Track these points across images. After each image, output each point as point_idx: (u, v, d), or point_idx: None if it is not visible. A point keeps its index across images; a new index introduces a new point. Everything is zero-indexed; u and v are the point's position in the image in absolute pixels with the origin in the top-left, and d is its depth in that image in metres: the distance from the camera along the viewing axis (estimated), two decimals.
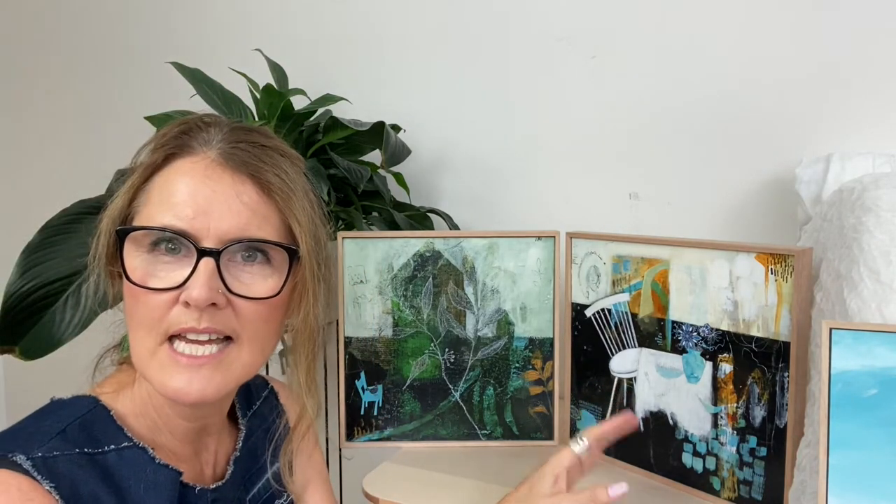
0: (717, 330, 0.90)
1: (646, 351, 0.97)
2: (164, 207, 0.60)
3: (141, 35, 1.67)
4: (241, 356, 0.62)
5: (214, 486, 0.69)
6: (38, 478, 0.54)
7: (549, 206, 1.28)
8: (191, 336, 0.59)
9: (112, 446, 0.60)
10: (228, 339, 0.61)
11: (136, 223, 0.61)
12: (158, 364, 0.60)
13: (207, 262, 0.58)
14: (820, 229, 0.88)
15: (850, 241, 0.78)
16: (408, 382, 1.07)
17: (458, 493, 0.94)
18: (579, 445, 0.73)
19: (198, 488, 0.66)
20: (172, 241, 0.59)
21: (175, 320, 0.59)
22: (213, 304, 0.59)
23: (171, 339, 0.60)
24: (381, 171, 1.24)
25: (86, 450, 0.58)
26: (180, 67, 1.17)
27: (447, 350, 1.07)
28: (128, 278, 0.59)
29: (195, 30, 1.59)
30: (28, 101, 1.88)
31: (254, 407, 0.78)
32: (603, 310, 1.02)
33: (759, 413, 0.86)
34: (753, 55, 1.10)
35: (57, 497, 0.54)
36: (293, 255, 0.63)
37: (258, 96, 1.16)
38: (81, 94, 1.73)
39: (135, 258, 0.60)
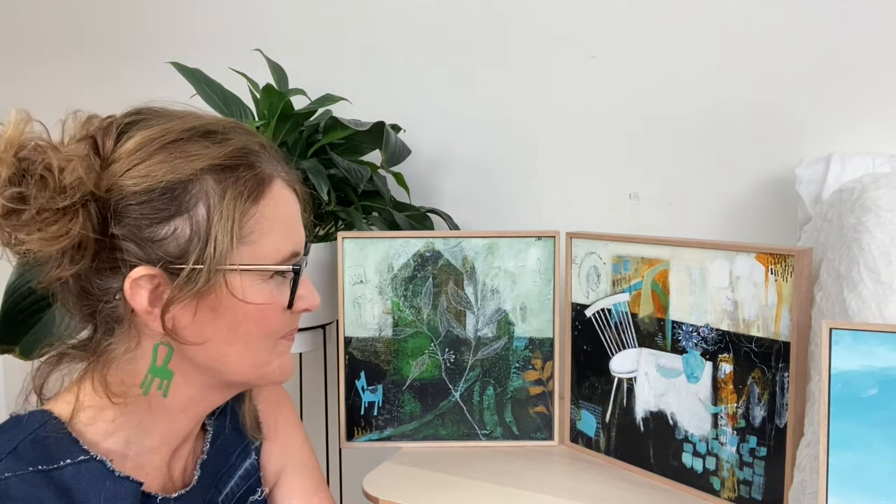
0: (717, 330, 0.90)
1: (646, 351, 0.97)
2: (287, 236, 0.63)
3: (141, 35, 1.67)
4: None
5: (177, 494, 0.66)
6: None
7: (549, 206, 1.28)
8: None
9: (68, 461, 0.58)
10: None
11: (256, 254, 0.61)
12: (279, 358, 0.65)
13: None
14: (820, 229, 0.88)
15: (850, 241, 0.78)
16: (408, 382, 1.07)
17: (458, 493, 0.94)
18: None
19: (159, 498, 0.64)
20: None
21: (291, 325, 0.66)
22: None
23: None
24: (381, 171, 1.24)
25: (40, 467, 0.56)
26: (180, 67, 1.17)
27: (447, 350, 1.07)
28: (290, 305, 0.63)
29: (195, 30, 1.59)
30: (27, 101, 1.88)
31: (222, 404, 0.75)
32: (603, 310, 1.02)
33: (759, 413, 0.86)
34: (754, 55, 1.10)
35: None
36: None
37: (258, 96, 1.16)
38: (81, 94, 1.73)
39: (262, 285, 0.62)
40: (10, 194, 0.54)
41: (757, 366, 0.86)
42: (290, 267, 0.63)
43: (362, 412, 1.08)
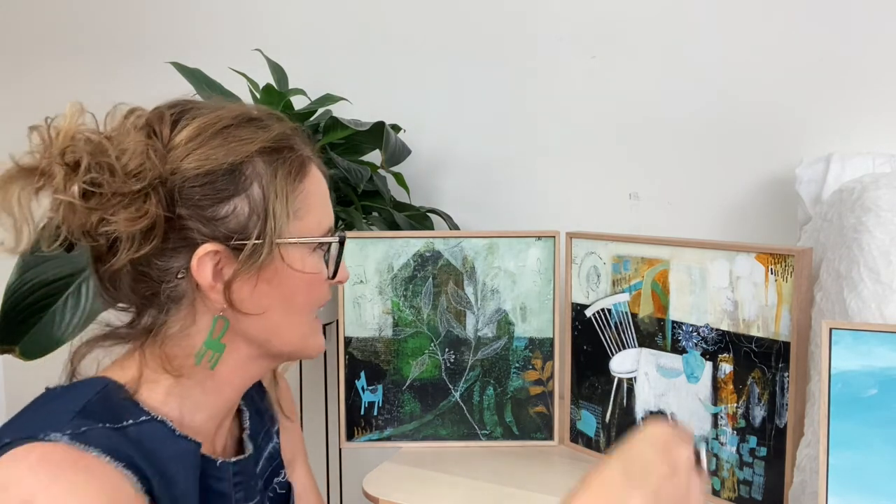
0: (717, 330, 0.90)
1: (646, 351, 0.97)
2: (327, 212, 0.68)
3: (141, 35, 1.67)
4: None
5: (236, 459, 0.70)
6: (80, 447, 0.55)
7: (549, 206, 1.28)
8: None
9: (130, 421, 0.60)
10: None
11: (305, 228, 0.65)
12: (317, 331, 0.70)
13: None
14: (820, 229, 0.88)
15: (850, 241, 0.78)
16: (408, 382, 1.07)
17: (458, 493, 0.94)
18: None
19: (220, 461, 0.67)
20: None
21: (327, 298, 0.71)
22: None
23: None
24: (381, 171, 1.24)
25: (107, 424, 0.59)
26: (180, 67, 1.17)
27: (447, 350, 1.07)
28: (332, 276, 0.68)
29: (195, 30, 1.59)
30: (27, 101, 1.88)
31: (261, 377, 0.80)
32: (603, 310, 1.02)
33: (759, 413, 0.86)
34: (754, 55, 1.10)
35: (105, 458, 0.55)
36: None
37: (258, 96, 1.16)
38: (81, 95, 1.73)
39: (310, 257, 0.66)
40: (85, 179, 0.58)
41: (757, 366, 0.86)
42: (338, 238, 0.68)
43: (362, 412, 1.08)
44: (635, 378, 0.99)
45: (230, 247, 0.61)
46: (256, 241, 0.61)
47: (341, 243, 0.68)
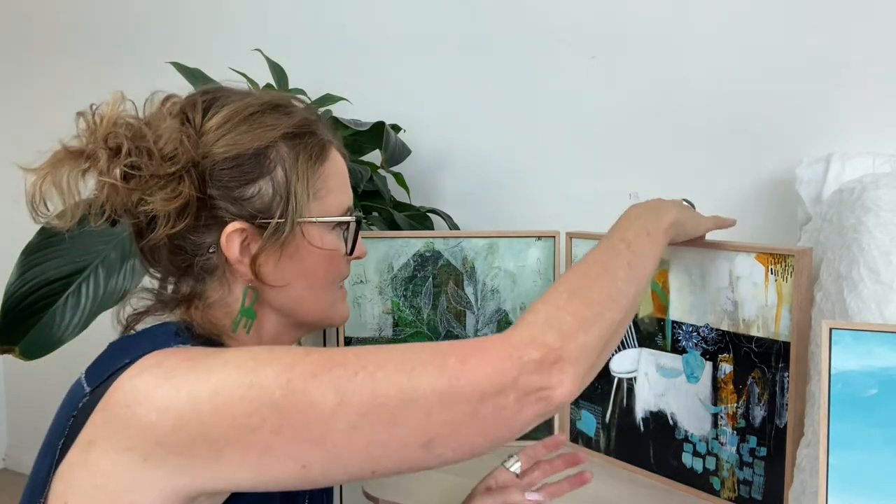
0: (717, 330, 0.90)
1: (646, 351, 0.97)
2: (345, 193, 0.73)
3: (141, 35, 1.67)
4: None
5: None
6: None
7: (549, 206, 1.28)
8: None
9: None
10: None
11: (324, 208, 0.70)
12: (340, 302, 0.75)
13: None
14: (820, 229, 0.88)
15: (850, 241, 0.78)
16: None
17: (457, 494, 0.93)
18: (512, 464, 0.83)
19: None
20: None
21: (347, 273, 0.75)
22: None
23: None
24: (381, 171, 1.24)
25: (199, 345, 0.63)
26: (180, 67, 1.17)
27: None
28: (349, 252, 0.72)
29: (195, 30, 1.60)
30: (27, 101, 1.88)
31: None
32: None
33: (759, 413, 0.86)
34: (754, 56, 1.10)
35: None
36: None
37: None
38: (81, 95, 1.73)
39: (329, 235, 0.70)
40: (126, 163, 0.63)
41: (757, 366, 0.86)
42: (354, 217, 0.73)
43: None
44: (635, 378, 0.99)
45: (256, 225, 0.66)
46: (279, 220, 0.66)
47: (358, 223, 0.73)
